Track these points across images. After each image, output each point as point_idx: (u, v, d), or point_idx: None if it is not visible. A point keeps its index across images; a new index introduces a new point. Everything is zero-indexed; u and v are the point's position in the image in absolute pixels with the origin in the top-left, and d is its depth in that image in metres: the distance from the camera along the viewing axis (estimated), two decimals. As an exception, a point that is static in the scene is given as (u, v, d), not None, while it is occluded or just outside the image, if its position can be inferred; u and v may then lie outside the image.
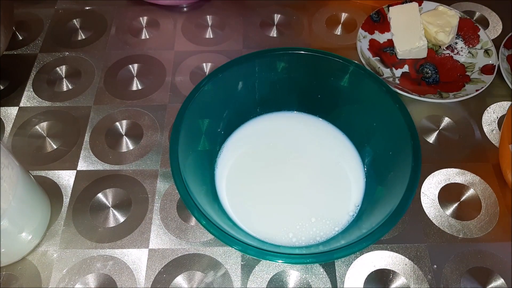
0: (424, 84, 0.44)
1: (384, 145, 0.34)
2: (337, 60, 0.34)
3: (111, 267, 0.34)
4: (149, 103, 0.43)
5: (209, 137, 0.36)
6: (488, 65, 0.43)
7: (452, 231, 0.35)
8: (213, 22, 0.51)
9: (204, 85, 0.33)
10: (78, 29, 0.50)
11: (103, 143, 0.41)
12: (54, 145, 0.41)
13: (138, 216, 0.36)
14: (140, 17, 0.51)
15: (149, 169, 0.39)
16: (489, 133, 0.41)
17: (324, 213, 0.34)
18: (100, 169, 0.39)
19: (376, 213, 0.30)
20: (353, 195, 0.35)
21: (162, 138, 0.41)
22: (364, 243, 0.26)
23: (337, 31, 0.50)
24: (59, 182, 0.38)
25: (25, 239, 0.33)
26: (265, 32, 0.50)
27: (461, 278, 0.33)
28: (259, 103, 0.39)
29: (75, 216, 0.36)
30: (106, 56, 0.47)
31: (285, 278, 0.33)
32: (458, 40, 0.47)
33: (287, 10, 0.52)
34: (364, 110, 0.36)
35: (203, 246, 0.35)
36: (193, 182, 0.30)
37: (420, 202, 0.37)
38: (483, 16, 0.51)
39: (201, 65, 0.46)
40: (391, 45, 0.47)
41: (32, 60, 0.47)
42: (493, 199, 0.37)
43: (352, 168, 0.37)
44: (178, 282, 0.33)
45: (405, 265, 0.34)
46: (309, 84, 0.37)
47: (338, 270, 0.34)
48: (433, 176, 0.38)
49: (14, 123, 0.42)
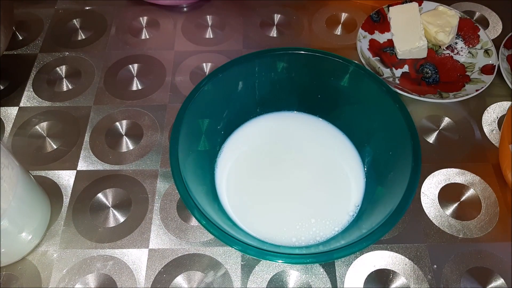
0: (424, 84, 0.44)
1: (384, 145, 0.34)
2: (337, 60, 0.34)
3: (111, 267, 0.34)
4: (149, 103, 0.43)
5: (209, 137, 0.36)
6: (488, 65, 0.43)
7: (452, 231, 0.35)
8: (213, 22, 0.51)
9: (204, 85, 0.33)
10: (78, 29, 0.50)
11: (103, 143, 0.41)
12: (54, 145, 0.41)
13: (138, 216, 0.36)
14: (140, 17, 0.51)
15: (149, 169, 0.39)
16: (489, 133, 0.41)
17: (324, 213, 0.34)
18: (100, 169, 0.39)
19: (376, 213, 0.30)
20: (353, 195, 0.35)
21: (162, 138, 0.41)
22: (364, 243, 0.26)
23: (337, 31, 0.50)
24: (59, 182, 0.38)
25: (25, 239, 0.33)
26: (265, 32, 0.50)
27: (461, 278, 0.33)
28: (259, 103, 0.39)
29: (75, 216, 0.36)
30: (106, 56, 0.47)
31: (285, 278, 0.33)
32: (458, 40, 0.47)
33: (287, 10, 0.52)
34: (364, 110, 0.36)
35: (203, 246, 0.35)
36: (193, 182, 0.30)
37: (420, 202, 0.37)
38: (483, 16, 0.51)
39: (201, 65, 0.46)
40: (391, 45, 0.47)
41: (32, 60, 0.47)
42: (493, 199, 0.37)
43: (352, 168, 0.37)
44: (178, 282, 0.33)
45: (405, 265, 0.34)
46: (309, 84, 0.37)
47: (338, 270, 0.34)
48: (433, 176, 0.38)
49: (14, 123, 0.42)
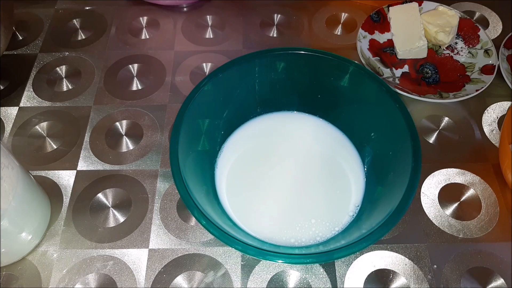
0: (424, 84, 0.44)
1: (384, 145, 0.34)
2: (337, 60, 0.34)
3: (111, 267, 0.34)
4: (149, 103, 0.43)
5: (209, 137, 0.36)
6: (488, 65, 0.43)
7: (452, 231, 0.35)
8: (213, 22, 0.51)
9: (204, 85, 0.33)
10: (78, 29, 0.50)
11: (103, 143, 0.41)
12: (54, 145, 0.41)
13: (138, 216, 0.36)
14: (140, 17, 0.51)
15: (149, 169, 0.39)
16: (489, 133, 0.41)
17: (324, 213, 0.34)
18: (100, 169, 0.39)
19: (376, 213, 0.30)
20: (353, 195, 0.35)
21: (162, 138, 0.41)
22: (364, 243, 0.26)
23: (337, 31, 0.50)
24: (59, 182, 0.38)
25: (25, 239, 0.33)
26: (265, 32, 0.50)
27: (461, 278, 0.33)
28: (259, 103, 0.39)
29: (75, 216, 0.36)
30: (106, 56, 0.47)
31: (285, 278, 0.33)
32: (458, 40, 0.47)
33: (287, 10, 0.51)
34: (364, 110, 0.35)
35: (203, 246, 0.35)
36: (193, 182, 0.30)
37: (420, 202, 0.37)
38: (483, 16, 0.51)
39: (201, 65, 0.46)
40: (391, 45, 0.47)
41: (32, 60, 0.47)
42: (493, 199, 0.37)
43: (352, 168, 0.37)
44: (178, 282, 0.33)
45: (405, 265, 0.34)
46: (309, 84, 0.37)
47: (338, 270, 0.34)
48: (433, 176, 0.38)
49: (14, 123, 0.42)
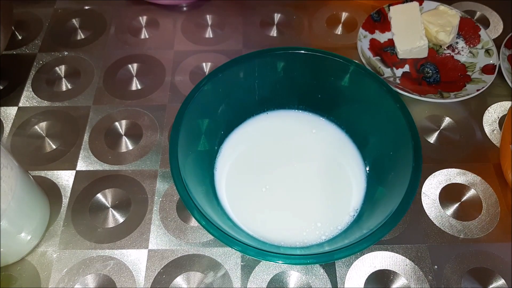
0: (425, 84, 0.44)
1: (385, 145, 0.34)
2: (338, 60, 0.34)
3: (111, 268, 0.34)
4: (148, 103, 0.43)
5: (209, 137, 0.35)
6: (489, 65, 0.43)
7: (453, 231, 0.35)
8: (213, 22, 0.50)
9: (203, 85, 0.32)
10: (77, 29, 0.50)
11: (103, 143, 0.41)
12: (53, 145, 0.41)
13: (138, 216, 0.36)
14: (139, 17, 0.51)
15: (148, 169, 0.39)
16: (490, 133, 0.41)
17: (324, 213, 0.34)
18: (99, 169, 0.39)
19: (377, 214, 0.30)
20: (354, 195, 0.35)
21: (161, 138, 0.41)
22: (364, 244, 0.26)
23: (337, 30, 0.50)
24: (58, 182, 0.38)
25: (24, 239, 0.33)
26: (265, 32, 0.49)
27: (462, 278, 0.33)
28: (259, 103, 0.39)
29: (75, 217, 0.36)
30: (106, 56, 0.47)
31: (285, 278, 0.33)
32: (459, 40, 0.47)
33: (287, 9, 0.51)
34: (364, 110, 0.35)
35: (202, 246, 0.35)
36: (193, 183, 0.30)
37: (421, 203, 0.37)
38: (484, 16, 0.50)
39: (200, 65, 0.46)
40: (391, 44, 0.47)
41: (31, 60, 0.47)
42: (494, 200, 0.37)
43: (353, 168, 0.37)
44: (177, 283, 0.33)
45: (406, 266, 0.34)
46: (310, 84, 0.37)
47: (339, 271, 0.33)
48: (434, 176, 0.38)
49: (13, 123, 0.42)
